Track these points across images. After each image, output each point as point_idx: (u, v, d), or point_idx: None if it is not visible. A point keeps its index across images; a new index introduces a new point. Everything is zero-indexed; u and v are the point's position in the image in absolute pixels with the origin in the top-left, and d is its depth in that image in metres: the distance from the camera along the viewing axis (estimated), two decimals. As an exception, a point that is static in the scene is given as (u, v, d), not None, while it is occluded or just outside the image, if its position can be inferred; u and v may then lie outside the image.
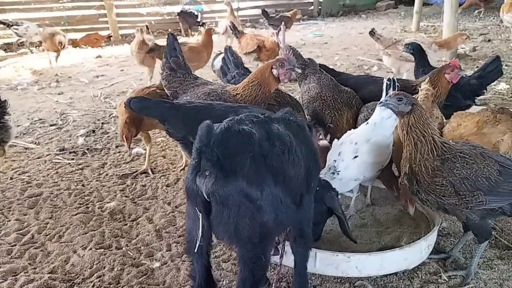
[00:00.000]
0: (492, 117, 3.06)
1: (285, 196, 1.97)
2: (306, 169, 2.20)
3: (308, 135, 2.31)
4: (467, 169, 2.46)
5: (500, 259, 2.85)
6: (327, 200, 2.61)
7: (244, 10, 13.01)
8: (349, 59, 8.33)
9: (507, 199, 2.51)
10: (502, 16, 8.96)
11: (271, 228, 1.96)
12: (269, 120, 2.09)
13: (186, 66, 3.65)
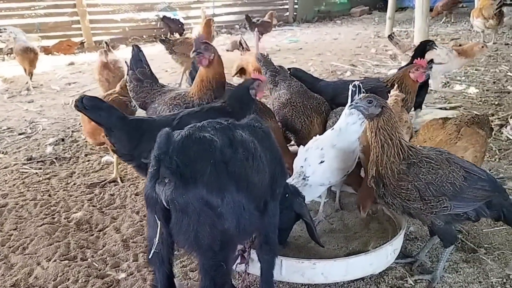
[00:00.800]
0: (455, 133, 3.08)
1: (248, 203, 1.96)
2: (271, 176, 2.19)
3: (274, 142, 2.31)
4: (433, 174, 2.48)
5: (466, 262, 2.87)
6: (295, 206, 2.60)
7: (220, 16, 13.01)
8: (323, 64, 8.39)
9: (471, 204, 2.53)
10: (472, 21, 9.14)
11: (232, 235, 1.94)
12: (232, 127, 2.08)
13: (152, 76, 3.66)
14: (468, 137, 3.04)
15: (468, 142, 3.02)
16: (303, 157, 3.07)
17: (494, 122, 5.13)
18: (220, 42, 11.04)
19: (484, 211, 2.59)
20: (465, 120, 3.18)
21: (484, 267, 2.81)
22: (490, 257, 2.91)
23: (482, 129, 3.16)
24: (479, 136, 3.06)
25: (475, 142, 3.02)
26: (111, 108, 2.85)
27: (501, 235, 3.15)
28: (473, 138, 3.04)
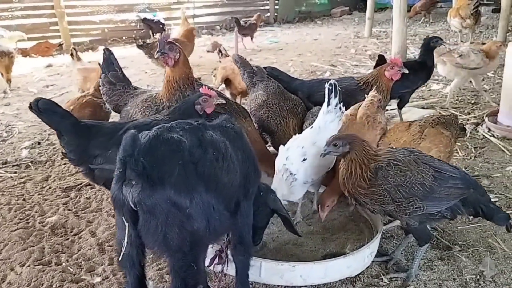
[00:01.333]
0: (419, 134, 3.11)
1: (218, 203, 1.96)
2: (244, 176, 2.20)
3: (246, 142, 2.31)
4: (401, 176, 2.50)
5: (441, 259, 2.91)
6: (270, 202, 2.61)
7: (200, 17, 12.97)
8: (302, 65, 8.42)
9: (445, 203, 2.56)
10: (450, 21, 9.25)
11: (202, 236, 1.94)
12: (202, 127, 2.08)
13: (125, 78, 3.64)
14: (431, 137, 3.07)
15: (431, 142, 3.05)
16: (285, 156, 3.09)
17: (470, 120, 5.20)
18: (201, 43, 11.02)
19: (459, 208, 2.62)
20: (429, 121, 3.21)
21: (459, 264, 2.84)
22: (464, 254, 2.94)
23: (447, 129, 3.18)
24: (443, 137, 3.09)
25: (439, 143, 3.06)
26: (65, 113, 2.89)
27: (475, 232, 3.19)
28: (437, 138, 3.07)
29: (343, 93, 3.98)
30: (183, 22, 9.52)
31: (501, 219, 2.66)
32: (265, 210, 2.58)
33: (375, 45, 9.86)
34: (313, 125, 3.12)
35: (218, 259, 2.52)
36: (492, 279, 2.71)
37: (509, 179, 3.88)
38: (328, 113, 3.02)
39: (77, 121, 2.90)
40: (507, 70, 4.80)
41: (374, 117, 3.32)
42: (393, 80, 3.91)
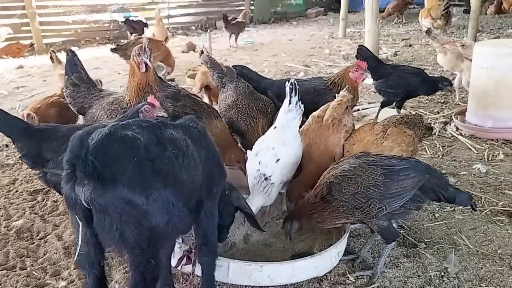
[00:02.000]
0: (382, 134, 3.16)
1: (177, 200, 1.96)
2: (208, 175, 2.20)
3: (210, 141, 2.31)
4: (354, 185, 2.58)
5: (406, 257, 2.95)
6: (234, 200, 2.62)
7: (175, 17, 12.91)
8: (277, 65, 8.45)
9: (404, 196, 2.61)
10: (421, 21, 9.39)
11: (162, 231, 1.94)
12: (162, 125, 2.08)
13: (89, 80, 3.60)
14: (394, 137, 3.12)
15: (394, 141, 3.09)
16: (256, 161, 3.12)
17: (439, 119, 5.29)
18: (176, 44, 10.98)
19: (420, 198, 2.67)
20: (393, 121, 3.25)
21: (423, 261, 2.89)
22: (429, 251, 2.99)
23: (410, 128, 3.23)
24: (405, 136, 3.14)
25: (401, 142, 3.11)
26: (13, 119, 2.98)
27: (441, 229, 3.25)
28: (399, 137, 3.12)
29: (312, 92, 4.07)
30: (158, 23, 9.48)
31: (464, 200, 2.74)
32: (230, 208, 2.60)
33: (349, 45, 9.94)
34: (276, 125, 3.16)
35: (186, 260, 2.51)
36: (455, 276, 2.76)
37: (475, 177, 3.95)
38: (289, 111, 3.09)
39: (28, 126, 2.98)
40: (474, 70, 4.89)
41: (340, 120, 3.36)
42: (358, 83, 3.96)
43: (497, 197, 3.62)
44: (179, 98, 3.74)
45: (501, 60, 4.66)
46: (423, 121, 3.54)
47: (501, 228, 3.23)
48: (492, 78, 4.61)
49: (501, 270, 2.80)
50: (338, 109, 3.40)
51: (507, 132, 4.64)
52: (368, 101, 6.13)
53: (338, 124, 3.32)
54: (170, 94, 3.76)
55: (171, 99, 3.71)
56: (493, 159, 4.25)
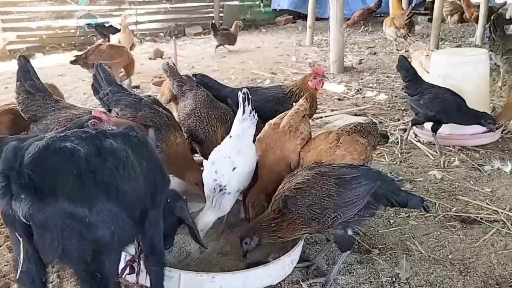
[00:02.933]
0: (335, 142, 3.20)
1: (120, 211, 1.94)
2: (150, 184, 2.18)
3: (151, 150, 2.29)
4: (308, 197, 2.62)
5: (360, 263, 2.99)
6: (177, 210, 2.61)
7: (143, 24, 12.82)
8: (244, 72, 8.48)
9: (358, 204, 2.65)
10: (385, 30, 9.58)
11: (107, 243, 1.92)
12: (101, 136, 2.06)
13: (44, 89, 3.54)
14: (346, 145, 3.16)
15: (346, 150, 3.14)
16: (213, 170, 3.11)
17: (399, 127, 5.39)
18: (143, 50, 10.91)
19: (373, 204, 2.73)
20: (347, 129, 3.30)
21: (376, 267, 2.93)
22: (382, 257, 3.04)
23: (363, 137, 3.28)
24: (358, 144, 3.19)
25: (353, 150, 3.15)
26: None
27: (395, 235, 3.31)
28: (352, 146, 3.17)
29: (272, 101, 4.10)
30: (124, 30, 9.38)
31: (416, 203, 2.79)
32: (171, 217, 2.58)
33: (316, 53, 10.06)
34: (231, 134, 3.18)
35: (130, 269, 2.48)
36: (406, 281, 2.81)
37: (430, 183, 4.04)
38: (244, 120, 3.11)
39: None
40: (432, 78, 5.01)
41: (297, 127, 3.39)
42: (317, 90, 4.01)
43: (451, 202, 3.71)
44: (139, 108, 3.70)
45: (457, 68, 4.80)
46: (377, 129, 3.59)
47: (453, 234, 3.30)
48: (448, 86, 4.72)
49: (451, 275, 2.86)
50: (295, 117, 3.44)
51: (463, 139, 4.76)
52: (331, 109, 6.20)
53: (294, 131, 3.35)
54: (130, 104, 3.72)
55: (131, 109, 3.67)
56: (449, 166, 4.36)
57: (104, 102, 3.75)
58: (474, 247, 3.14)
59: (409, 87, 4.69)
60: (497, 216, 3.48)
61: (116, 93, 3.80)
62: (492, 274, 2.87)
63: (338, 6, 7.80)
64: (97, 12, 11.94)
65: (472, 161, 4.38)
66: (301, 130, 3.37)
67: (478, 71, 4.75)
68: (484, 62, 4.88)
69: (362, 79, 7.64)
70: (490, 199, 3.74)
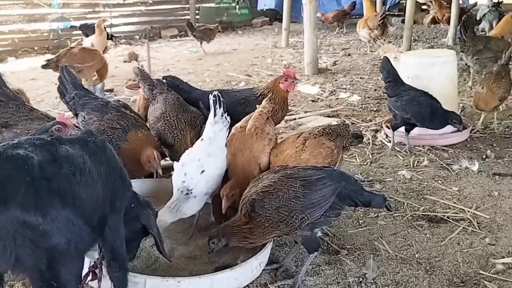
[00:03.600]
0: (301, 146, 3.23)
1: (77, 218, 1.92)
2: (110, 190, 2.17)
3: (110, 155, 2.28)
4: (275, 199, 2.64)
5: (328, 264, 3.01)
6: (142, 217, 2.58)
7: (118, 26, 12.72)
8: (219, 75, 8.47)
9: (324, 205, 2.68)
10: (359, 31, 9.68)
11: (63, 251, 1.90)
12: (56, 142, 2.03)
13: (16, 97, 3.53)
14: (311, 149, 3.19)
15: (310, 154, 3.17)
16: (182, 172, 3.12)
17: (371, 127, 5.45)
18: (118, 53, 10.83)
19: (338, 204, 2.76)
20: (314, 132, 3.33)
21: (344, 268, 2.96)
22: (350, 257, 3.07)
23: (331, 140, 3.31)
24: (323, 148, 3.22)
25: (318, 154, 3.18)
26: None
27: (363, 235, 3.34)
28: (316, 150, 3.20)
29: (243, 103, 4.12)
30: (100, 33, 9.24)
31: (379, 202, 2.83)
32: (135, 224, 2.55)
33: (291, 55, 10.11)
34: (203, 136, 3.19)
35: (92, 276, 2.45)
36: (373, 281, 2.84)
37: (399, 183, 4.10)
38: (215, 123, 3.13)
39: None
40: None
41: (263, 129, 3.43)
42: (289, 92, 4.04)
43: (419, 202, 3.77)
44: (106, 111, 3.69)
45: (425, 69, 4.87)
46: (348, 130, 3.62)
47: (420, 233, 3.35)
48: (417, 87, 4.79)
49: (417, 274, 2.91)
50: (260, 119, 3.49)
51: (432, 139, 4.84)
52: (305, 110, 6.24)
53: (261, 133, 3.39)
54: (96, 107, 3.72)
55: (97, 112, 3.67)
56: (418, 165, 4.42)
57: (71, 106, 3.74)
58: (441, 245, 3.20)
59: (389, 88, 4.70)
60: (464, 215, 3.55)
61: (82, 96, 3.81)
62: (457, 272, 2.92)
63: (312, 8, 7.86)
64: (71, 15, 11.80)
65: (440, 161, 4.45)
66: (267, 131, 3.42)
67: (445, 72, 4.83)
68: (452, 63, 4.97)
69: (336, 81, 7.71)
70: (457, 198, 3.81)
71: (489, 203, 3.70)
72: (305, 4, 7.94)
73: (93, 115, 3.62)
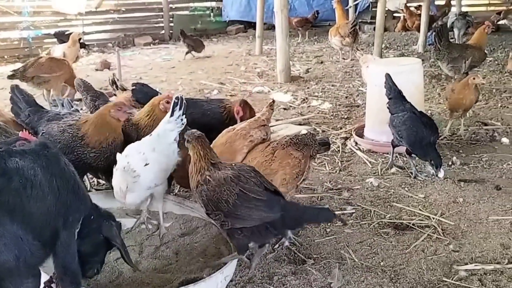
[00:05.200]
0: (270, 156, 3.25)
1: (26, 234, 1.89)
2: (62, 203, 2.13)
3: (64, 167, 2.23)
4: (210, 191, 2.74)
5: (294, 274, 3.01)
6: (104, 229, 2.54)
7: (91, 34, 12.59)
8: (191, 83, 8.44)
9: (248, 222, 2.73)
10: (330, 39, 9.77)
11: (11, 268, 1.86)
12: (6, 155, 2.00)
13: None
14: (279, 159, 3.22)
15: (279, 165, 3.20)
16: (125, 161, 3.19)
17: (341, 135, 5.49)
18: (90, 61, 10.72)
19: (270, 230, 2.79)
20: (282, 142, 3.35)
21: (309, 278, 2.97)
22: (316, 267, 3.08)
23: (298, 150, 3.33)
24: (290, 158, 3.25)
25: (285, 165, 3.21)
26: None
27: (330, 244, 3.36)
28: (284, 160, 3.22)
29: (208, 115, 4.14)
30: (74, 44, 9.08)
31: (327, 216, 2.89)
32: (96, 237, 2.51)
33: (265, 62, 10.13)
34: (152, 132, 3.32)
35: (48, 290, 2.41)
36: (338, 290, 2.86)
37: (367, 190, 4.13)
38: (169, 122, 3.25)
39: None
40: (369, 88, 5.14)
41: (249, 131, 3.56)
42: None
43: (386, 209, 3.80)
44: (61, 117, 3.71)
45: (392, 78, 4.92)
46: (315, 139, 3.64)
47: (386, 241, 3.38)
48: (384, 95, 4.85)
49: (381, 282, 2.93)
50: (253, 123, 3.64)
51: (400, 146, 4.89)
52: (277, 118, 6.25)
53: (245, 133, 3.53)
54: (51, 117, 3.74)
55: (54, 120, 3.67)
56: (386, 173, 4.47)
57: (28, 125, 3.70)
58: (405, 253, 3.23)
59: (390, 105, 4.51)
60: (429, 222, 3.60)
61: (37, 112, 3.83)
62: (421, 280, 2.96)
63: (283, 16, 7.91)
64: (42, 23, 11.63)
65: (408, 168, 4.51)
66: (251, 133, 3.52)
67: (412, 80, 4.90)
68: (418, 71, 5.05)
69: (309, 88, 7.75)
70: (423, 205, 3.86)
71: (454, 210, 3.76)
72: (276, 12, 7.98)
73: (51, 123, 3.63)
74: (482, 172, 4.41)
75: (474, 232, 3.45)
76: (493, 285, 2.89)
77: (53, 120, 3.62)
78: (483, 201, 3.88)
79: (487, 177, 4.32)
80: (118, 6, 13.19)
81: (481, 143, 5.12)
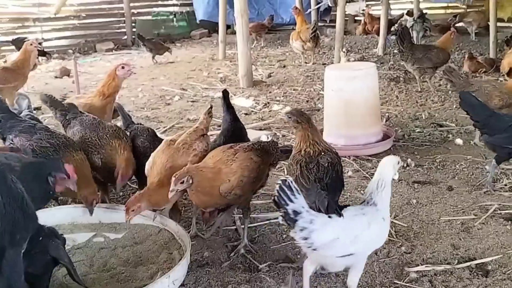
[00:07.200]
0: (232, 156, 3.25)
1: None
2: (9, 221, 2.08)
3: (11, 184, 2.18)
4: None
5: (248, 282, 3.02)
6: (51, 249, 2.49)
7: (50, 41, 12.33)
8: (153, 89, 8.36)
9: None
10: (292, 43, 9.84)
11: None
12: None
13: None
14: (240, 161, 3.23)
15: (238, 166, 3.21)
16: None
17: (300, 139, 5.52)
18: (50, 68, 10.50)
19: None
20: (244, 146, 3.37)
21: (263, 285, 2.98)
22: (271, 274, 3.09)
23: (259, 156, 3.34)
24: (250, 162, 3.26)
25: (245, 168, 3.22)
26: None
27: (286, 250, 3.37)
28: (244, 163, 3.24)
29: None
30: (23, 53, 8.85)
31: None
32: (44, 257, 2.46)
33: (228, 67, 10.13)
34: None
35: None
36: (292, 297, 2.87)
37: (323, 194, 4.16)
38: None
39: None
40: (326, 92, 5.20)
41: (191, 144, 3.50)
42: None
43: (341, 213, 3.83)
44: (34, 131, 3.65)
45: (348, 82, 5.01)
46: (277, 147, 3.67)
47: (341, 244, 3.41)
48: (341, 100, 4.93)
49: (334, 286, 2.96)
50: (192, 135, 3.57)
51: (357, 149, 4.98)
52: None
53: (187, 148, 3.46)
54: (24, 129, 3.67)
55: (25, 134, 3.62)
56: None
57: None
58: (359, 256, 3.27)
59: (485, 125, 4.09)
60: (383, 224, 3.65)
61: (9, 119, 3.77)
62: (373, 283, 3.00)
63: (244, 21, 7.93)
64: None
65: (364, 171, 4.58)
66: (194, 147, 3.47)
67: (366, 84, 4.99)
68: (373, 75, 5.14)
69: (271, 93, 7.79)
70: (378, 207, 3.91)
71: (407, 211, 3.84)
72: (237, 17, 8.00)
73: (22, 137, 3.57)
74: (436, 173, 4.52)
75: (426, 233, 3.53)
76: (443, 285, 2.96)
77: (25, 132, 3.57)
78: (435, 202, 3.97)
79: (440, 178, 4.42)
80: (78, 12, 12.97)
81: (436, 144, 5.24)
